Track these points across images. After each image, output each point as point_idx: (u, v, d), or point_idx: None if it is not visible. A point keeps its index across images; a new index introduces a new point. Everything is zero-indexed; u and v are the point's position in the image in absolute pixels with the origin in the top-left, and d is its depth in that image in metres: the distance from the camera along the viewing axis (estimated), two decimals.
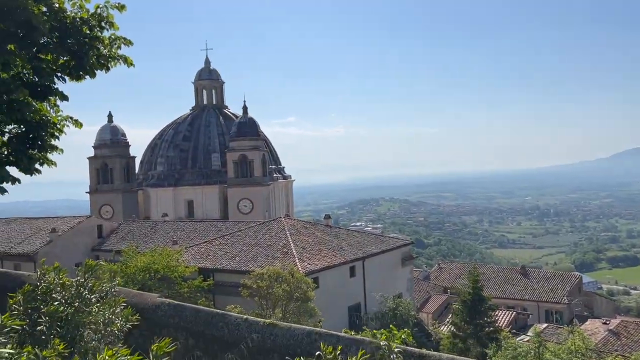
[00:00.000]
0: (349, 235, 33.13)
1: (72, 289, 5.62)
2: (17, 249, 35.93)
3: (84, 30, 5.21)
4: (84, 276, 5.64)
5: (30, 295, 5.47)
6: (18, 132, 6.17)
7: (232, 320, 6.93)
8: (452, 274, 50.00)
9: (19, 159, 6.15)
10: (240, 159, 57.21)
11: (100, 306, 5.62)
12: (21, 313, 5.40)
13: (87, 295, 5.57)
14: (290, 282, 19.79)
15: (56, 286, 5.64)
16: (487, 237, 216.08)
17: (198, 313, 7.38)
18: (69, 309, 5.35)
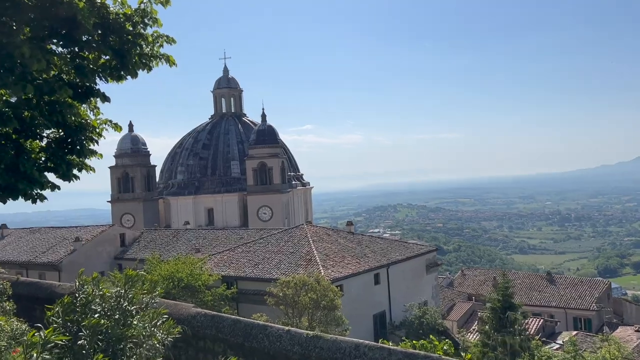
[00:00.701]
0: (372, 242, 32.67)
1: (112, 300, 5.38)
2: (41, 258, 36.19)
3: (126, 27, 5.00)
4: (124, 287, 5.40)
5: (69, 307, 5.24)
6: (56, 137, 6.01)
7: (273, 332, 6.62)
8: (475, 280, 49.13)
9: (57, 164, 5.96)
10: (260, 166, 57.22)
11: (141, 318, 5.38)
12: (60, 326, 5.17)
13: (128, 306, 5.33)
14: (317, 290, 19.44)
15: (95, 297, 5.41)
16: (507, 242, 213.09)
17: (236, 324, 7.07)
18: (109, 321, 5.10)
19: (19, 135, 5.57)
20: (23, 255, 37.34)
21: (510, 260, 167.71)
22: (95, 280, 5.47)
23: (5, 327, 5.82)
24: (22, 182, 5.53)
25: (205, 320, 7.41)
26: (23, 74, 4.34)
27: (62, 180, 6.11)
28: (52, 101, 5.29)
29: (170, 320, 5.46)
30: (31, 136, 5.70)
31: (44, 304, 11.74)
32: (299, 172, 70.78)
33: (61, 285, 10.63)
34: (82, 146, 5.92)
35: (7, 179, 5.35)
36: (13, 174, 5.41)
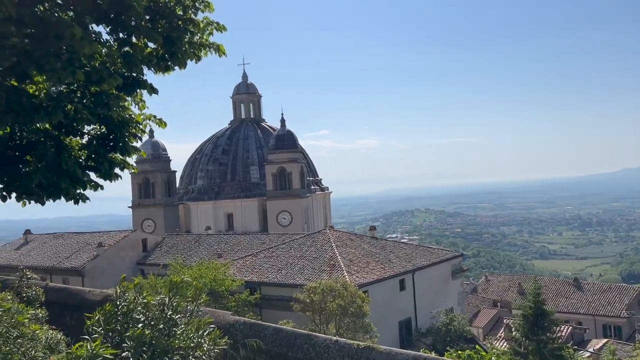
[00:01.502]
0: (396, 247, 32.12)
1: (155, 308, 5.05)
2: (65, 263, 36.33)
3: (176, 11, 4.64)
4: (168, 294, 5.06)
5: (111, 316, 4.91)
6: (97, 133, 5.68)
7: (319, 342, 6.22)
8: (500, 286, 48.18)
9: (99, 163, 5.62)
10: (279, 171, 57.08)
11: (186, 328, 5.03)
12: (102, 336, 4.84)
13: (172, 315, 4.99)
14: (345, 297, 18.99)
15: (137, 305, 5.08)
16: (527, 248, 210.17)
17: (279, 333, 6.68)
18: (153, 331, 4.77)
19: (59, 131, 5.24)
20: (47, 260, 37.53)
21: (531, 265, 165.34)
22: (137, 287, 5.15)
23: (40, 336, 5.54)
24: (64, 181, 5.19)
25: (244, 328, 7.04)
26: (70, 60, 4.01)
27: (103, 179, 5.76)
28: (99, 92, 4.95)
29: (217, 330, 5.11)
30: (72, 132, 5.37)
31: (74, 311, 11.47)
32: (318, 177, 70.50)
33: (91, 291, 10.37)
34: (124, 143, 5.57)
35: (49, 177, 5.02)
36: (55, 172, 5.10)
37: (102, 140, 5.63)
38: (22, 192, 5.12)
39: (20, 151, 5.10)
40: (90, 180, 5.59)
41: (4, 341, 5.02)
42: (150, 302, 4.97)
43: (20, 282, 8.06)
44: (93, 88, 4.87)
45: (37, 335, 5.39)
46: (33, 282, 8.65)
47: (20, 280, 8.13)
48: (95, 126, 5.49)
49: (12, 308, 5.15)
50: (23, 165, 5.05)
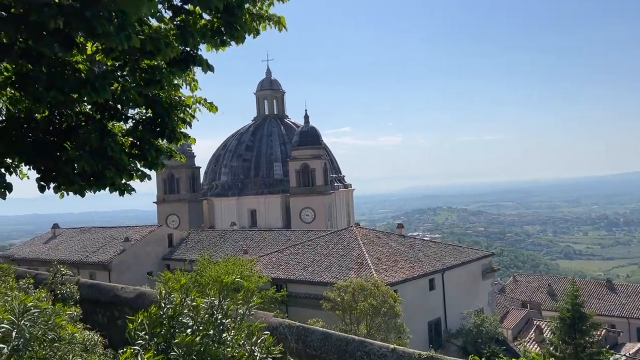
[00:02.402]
0: (425, 246, 31.41)
1: (202, 311, 4.60)
2: (92, 257, 36.52)
3: None
4: (219, 296, 4.61)
5: (156, 320, 4.48)
6: (143, 117, 5.21)
7: (374, 350, 5.69)
8: (529, 287, 47.00)
9: (145, 150, 5.13)
10: (302, 167, 56.74)
11: (236, 334, 4.57)
12: (146, 342, 4.41)
13: (222, 320, 4.54)
14: (376, 296, 18.44)
15: (184, 308, 4.64)
16: (551, 247, 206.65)
17: (328, 338, 6.18)
18: (203, 338, 4.32)
19: (102, 114, 4.78)
20: (74, 254, 37.77)
21: (555, 265, 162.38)
22: (184, 287, 4.71)
23: (78, 337, 5.14)
24: (109, 170, 4.75)
25: (289, 332, 6.57)
26: (122, 25, 3.53)
27: (148, 169, 5.28)
28: (152, 67, 4.49)
29: (270, 337, 4.65)
30: (116, 116, 4.92)
31: (106, 308, 11.11)
32: (341, 174, 69.97)
33: (124, 288, 10.01)
34: (173, 129, 5.09)
35: (93, 165, 4.57)
36: (100, 159, 4.66)
37: (149, 126, 5.14)
38: (62, 182, 4.67)
39: (60, 136, 4.66)
40: (137, 169, 5.10)
41: (40, 344, 4.63)
42: (200, 304, 4.51)
43: (54, 279, 7.70)
44: (145, 62, 4.38)
45: (75, 338, 4.99)
46: (67, 279, 8.30)
47: (54, 277, 7.78)
48: (141, 109, 5.01)
49: (48, 309, 4.73)
50: (63, 153, 4.60)
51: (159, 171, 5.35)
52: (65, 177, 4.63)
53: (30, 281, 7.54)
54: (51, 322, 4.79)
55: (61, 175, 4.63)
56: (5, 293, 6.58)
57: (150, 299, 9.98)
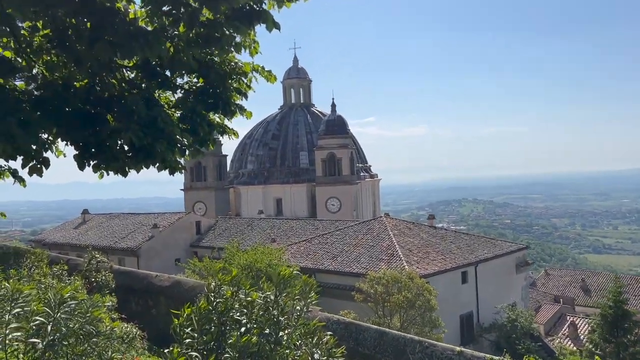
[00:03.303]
0: (457, 238, 30.58)
1: (257, 307, 4.10)
2: (121, 243, 36.71)
3: None
4: (276, 290, 4.09)
5: (205, 316, 4.00)
6: (194, 87, 4.59)
7: (437, 353, 5.11)
8: (561, 281, 45.72)
9: (195, 124, 4.51)
10: (329, 157, 56.24)
11: (293, 333, 4.07)
12: (195, 340, 3.94)
13: (279, 318, 4.04)
14: (411, 289, 17.84)
15: (235, 302, 4.15)
16: (579, 241, 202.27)
17: (383, 337, 5.63)
18: (259, 337, 3.82)
19: (149, 82, 4.25)
20: (104, 240, 38.06)
21: (583, 259, 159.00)
22: (235, 280, 4.22)
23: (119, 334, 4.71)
24: (160, 143, 4.18)
25: (338, 328, 6.06)
26: None
27: (199, 145, 4.73)
28: (211, 22, 3.81)
29: (331, 337, 4.14)
30: (164, 84, 4.39)
31: (139, 296, 10.71)
32: (367, 164, 69.23)
33: (158, 276, 9.66)
34: (228, 100, 4.54)
35: (142, 137, 4.02)
36: (149, 131, 4.13)
37: (200, 96, 4.54)
38: (103, 159, 4.18)
39: (102, 107, 4.16)
40: (190, 144, 4.55)
41: (77, 339, 4.20)
42: (255, 299, 3.99)
43: (89, 266, 7.33)
44: (205, 14, 3.78)
45: (114, 333, 4.56)
46: (102, 265, 7.93)
47: (89, 263, 7.40)
48: (191, 78, 4.46)
49: (86, 300, 4.27)
50: (105, 125, 4.09)
51: (210, 148, 4.80)
52: (109, 153, 4.13)
53: (64, 267, 7.20)
54: (89, 314, 4.35)
55: (102, 152, 4.14)
56: (39, 280, 6.21)
57: (185, 288, 9.58)
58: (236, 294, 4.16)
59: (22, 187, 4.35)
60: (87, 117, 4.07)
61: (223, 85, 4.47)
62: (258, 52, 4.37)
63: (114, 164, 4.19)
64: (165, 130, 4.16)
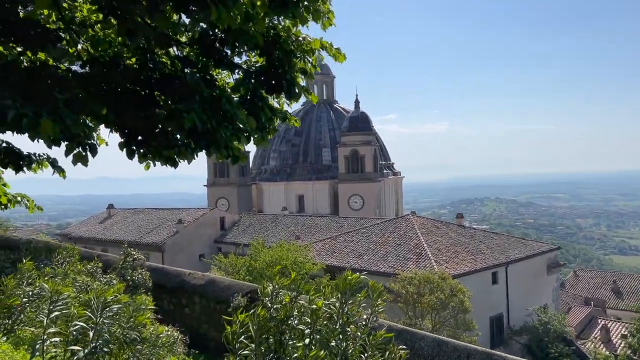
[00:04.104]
0: (487, 237, 29.81)
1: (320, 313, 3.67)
2: (146, 238, 36.76)
3: None
4: (341, 297, 3.66)
5: (264, 325, 3.59)
6: (255, 66, 4.10)
7: None
8: (591, 283, 44.49)
9: (256, 108, 4.07)
10: (352, 154, 55.73)
11: (358, 345, 3.62)
12: (252, 352, 3.52)
13: (346, 328, 3.60)
14: (444, 290, 17.28)
15: (293, 309, 3.73)
16: (604, 242, 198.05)
17: (442, 346, 5.16)
18: (324, 351, 3.40)
19: (207, 58, 3.81)
20: (129, 235, 38.19)
21: (609, 260, 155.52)
22: (295, 283, 3.80)
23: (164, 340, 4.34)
24: (225, 127, 3.74)
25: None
26: None
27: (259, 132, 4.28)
28: None
29: (401, 352, 3.69)
30: (223, 62, 3.92)
31: (172, 294, 10.34)
32: (390, 161, 68.46)
33: (192, 273, 9.32)
34: (293, 81, 4.13)
35: (206, 120, 3.55)
36: (212, 114, 3.66)
37: (262, 77, 4.07)
38: (156, 146, 3.75)
39: (155, 87, 3.73)
40: (255, 129, 4.09)
41: (120, 346, 3.83)
42: (320, 307, 3.56)
43: (125, 263, 6.99)
44: None
45: (159, 339, 4.19)
46: (138, 263, 7.59)
47: (124, 261, 7.06)
48: (250, 57, 4.01)
49: (130, 303, 3.89)
50: (157, 108, 3.66)
51: (270, 136, 4.34)
52: (162, 140, 3.70)
53: (98, 265, 6.89)
54: (133, 319, 3.97)
55: (154, 138, 3.71)
56: (74, 278, 5.89)
57: (220, 287, 9.20)
58: (295, 300, 3.75)
59: (62, 177, 4.01)
60: (138, 99, 3.67)
61: (288, 65, 4.02)
62: (332, 24, 3.91)
63: (168, 151, 3.78)
64: (229, 113, 3.73)
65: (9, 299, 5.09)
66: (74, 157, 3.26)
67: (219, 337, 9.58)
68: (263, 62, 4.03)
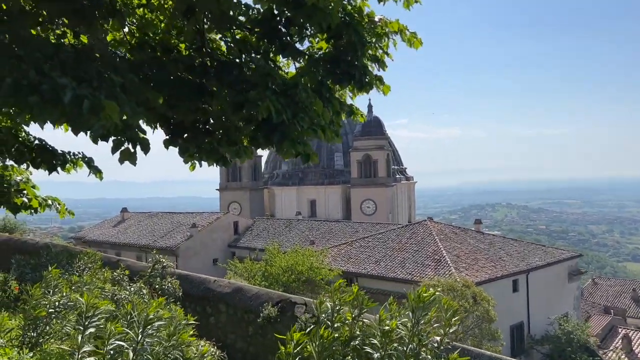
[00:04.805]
0: (506, 244, 29.22)
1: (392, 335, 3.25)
2: (160, 242, 36.52)
3: None
4: (413, 316, 3.24)
5: (326, 347, 3.19)
6: (321, 53, 3.58)
7: None
8: (610, 291, 43.60)
9: (324, 100, 3.51)
10: (364, 158, 55.36)
11: None
12: None
13: (419, 351, 3.19)
14: (468, 298, 16.77)
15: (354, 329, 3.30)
16: (618, 249, 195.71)
17: None
18: None
19: (269, 43, 3.36)
20: (143, 238, 37.98)
21: (622, 267, 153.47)
22: (359, 299, 3.38)
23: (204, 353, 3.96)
24: (302, 120, 3.25)
25: None
26: None
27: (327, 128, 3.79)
28: None
29: None
30: (286, 48, 3.41)
31: (196, 303, 9.93)
32: (403, 166, 67.96)
33: (217, 281, 8.92)
34: (365, 71, 3.59)
35: (281, 110, 3.03)
36: (287, 104, 3.13)
37: (330, 65, 3.55)
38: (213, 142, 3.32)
39: (211, 76, 3.29)
40: (330, 121, 3.60)
41: None
42: (394, 328, 3.14)
43: (153, 271, 6.62)
44: None
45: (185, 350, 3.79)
46: (168, 271, 7.21)
47: (153, 269, 6.70)
48: (314, 43, 3.55)
49: (173, 320, 3.51)
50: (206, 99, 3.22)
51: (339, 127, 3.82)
52: (222, 134, 3.27)
53: (125, 272, 6.53)
54: (176, 337, 3.59)
55: (203, 133, 3.29)
56: (102, 287, 5.52)
57: (248, 296, 8.80)
58: (358, 318, 3.34)
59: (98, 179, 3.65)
60: (191, 89, 3.25)
61: (361, 50, 3.49)
62: (418, 1, 3.45)
63: (227, 148, 3.35)
64: (303, 104, 3.22)
65: (35, 310, 4.74)
66: (121, 155, 2.80)
67: (246, 349, 9.16)
68: (329, 48, 3.59)
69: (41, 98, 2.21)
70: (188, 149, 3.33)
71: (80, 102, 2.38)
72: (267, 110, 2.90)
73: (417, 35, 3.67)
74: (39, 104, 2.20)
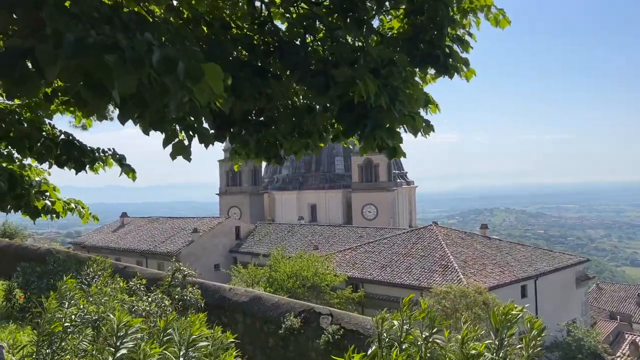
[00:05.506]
0: (513, 249, 28.83)
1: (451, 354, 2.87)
2: (161, 247, 36.02)
3: None
4: (495, 337, 2.86)
5: None
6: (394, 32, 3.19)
7: None
8: (614, 296, 43.25)
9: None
10: (365, 162, 55.02)
11: None
12: None
13: None
14: (480, 304, 16.36)
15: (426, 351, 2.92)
16: (616, 253, 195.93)
17: None
18: None
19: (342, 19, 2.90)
20: (143, 244, 37.46)
21: (621, 272, 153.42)
22: (430, 316, 3.00)
23: None
24: (401, 104, 2.77)
25: None
26: None
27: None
28: None
29: None
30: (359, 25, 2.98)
31: (210, 311, 9.49)
32: (404, 170, 67.67)
33: (233, 289, 8.53)
34: (450, 53, 3.10)
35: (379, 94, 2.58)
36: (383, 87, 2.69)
37: (408, 45, 3.15)
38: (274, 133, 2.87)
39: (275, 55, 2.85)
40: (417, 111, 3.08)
41: None
42: (482, 352, 2.75)
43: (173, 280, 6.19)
44: None
45: None
46: (189, 280, 6.79)
47: (173, 277, 6.27)
48: (385, 20, 3.13)
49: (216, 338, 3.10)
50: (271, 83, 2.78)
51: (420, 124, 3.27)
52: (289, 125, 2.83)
53: (142, 282, 6.12)
54: (218, 357, 3.19)
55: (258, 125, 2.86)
56: (122, 299, 5.10)
57: (268, 305, 8.36)
58: (430, 340, 2.96)
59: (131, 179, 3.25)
60: (254, 71, 2.81)
61: (445, 28, 3.08)
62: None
63: (298, 141, 2.91)
64: (398, 89, 2.75)
65: (51, 325, 4.32)
66: (173, 148, 2.29)
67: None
68: (402, 27, 3.15)
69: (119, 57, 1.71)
70: (248, 142, 2.89)
71: (173, 64, 1.78)
72: (366, 90, 2.44)
73: (505, 13, 3.25)
74: (117, 64, 1.67)
